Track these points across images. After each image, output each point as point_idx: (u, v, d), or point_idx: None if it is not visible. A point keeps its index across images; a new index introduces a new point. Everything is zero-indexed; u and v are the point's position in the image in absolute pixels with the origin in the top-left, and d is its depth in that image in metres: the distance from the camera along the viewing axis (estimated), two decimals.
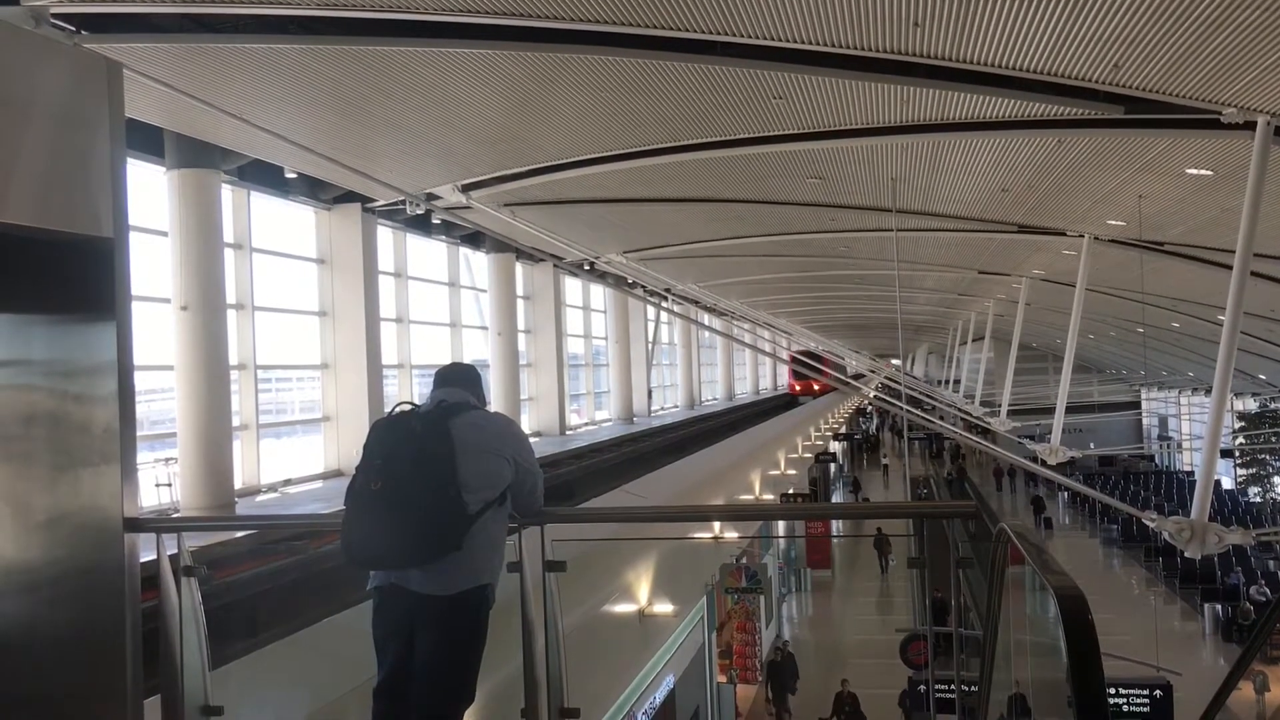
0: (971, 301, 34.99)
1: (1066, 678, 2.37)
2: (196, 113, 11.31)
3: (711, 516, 8.61)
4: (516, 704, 4.08)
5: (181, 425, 15.08)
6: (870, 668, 21.36)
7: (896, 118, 10.97)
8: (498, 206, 15.90)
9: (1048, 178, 13.45)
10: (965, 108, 10.38)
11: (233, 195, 17.40)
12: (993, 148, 12.17)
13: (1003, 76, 9.15)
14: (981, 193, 15.18)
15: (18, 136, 3.73)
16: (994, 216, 17.10)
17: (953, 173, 13.83)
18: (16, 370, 4.18)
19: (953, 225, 17.94)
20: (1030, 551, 3.07)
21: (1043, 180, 13.68)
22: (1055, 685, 3.53)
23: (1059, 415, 17.71)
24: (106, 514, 4.02)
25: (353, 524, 3.73)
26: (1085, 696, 2.29)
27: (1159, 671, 15.46)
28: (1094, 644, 2.34)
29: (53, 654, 4.08)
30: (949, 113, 10.65)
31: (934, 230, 18.46)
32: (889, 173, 14.02)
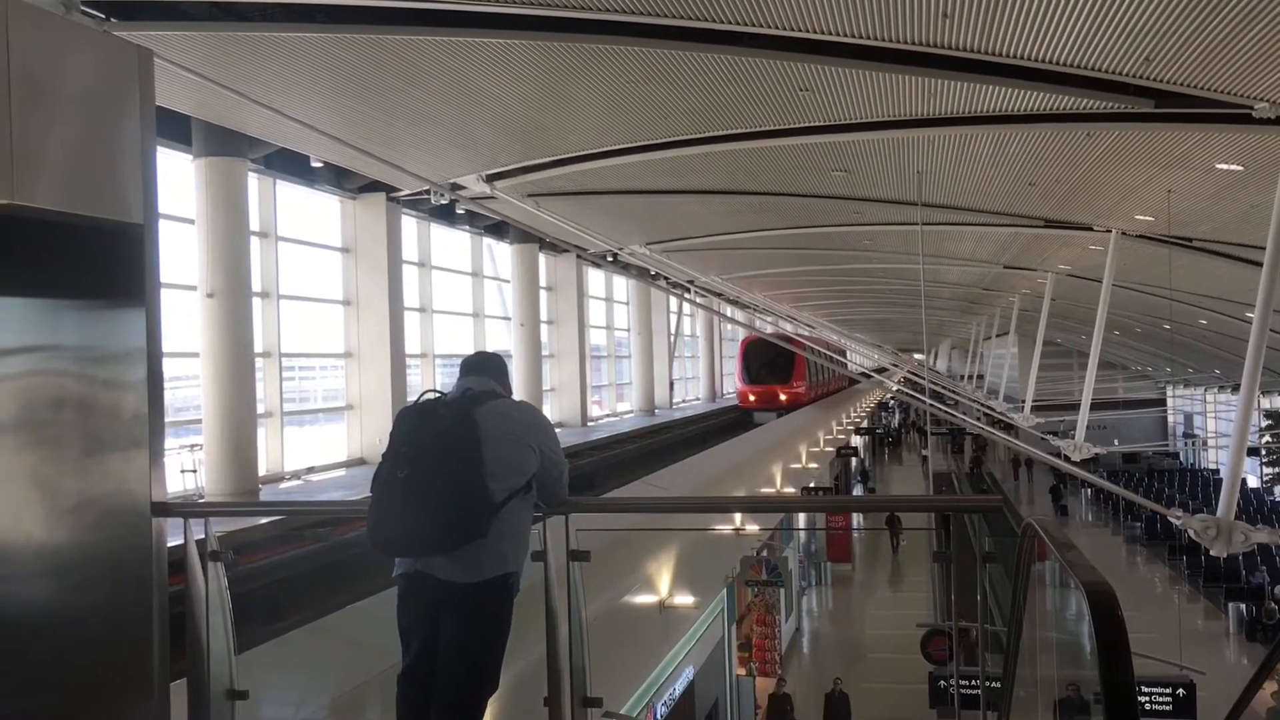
0: (996, 296, 34.78)
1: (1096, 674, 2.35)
2: (224, 101, 11.38)
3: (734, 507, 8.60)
4: (539, 692, 4.09)
5: (207, 412, 15.17)
6: (890, 662, 21.32)
7: (924, 110, 10.91)
8: (521, 197, 15.91)
9: (1075, 172, 13.35)
10: (993, 101, 10.31)
11: (259, 184, 17.47)
12: (1020, 141, 12.08)
13: (1032, 69, 9.09)
14: (1008, 187, 15.09)
15: (50, 122, 3.76)
16: (1020, 211, 17.00)
17: (979, 166, 13.75)
18: (47, 355, 4.20)
19: (978, 219, 17.84)
20: (1058, 547, 3.05)
21: (1070, 174, 13.58)
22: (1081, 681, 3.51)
23: (1084, 411, 17.60)
24: (135, 499, 4.04)
25: (379, 511, 3.74)
26: (1115, 692, 2.27)
27: (1182, 670, 15.36)
28: (1124, 639, 2.32)
29: (81, 637, 4.10)
30: (977, 105, 10.58)
31: (960, 224, 18.36)
32: (915, 166, 13.95)
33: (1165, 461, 58.39)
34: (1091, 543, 38.63)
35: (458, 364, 4.24)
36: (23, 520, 4.15)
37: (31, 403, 4.16)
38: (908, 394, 21.63)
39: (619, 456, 23.58)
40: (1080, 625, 2.79)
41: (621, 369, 38.07)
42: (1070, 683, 4.39)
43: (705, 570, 15.04)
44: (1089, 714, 2.87)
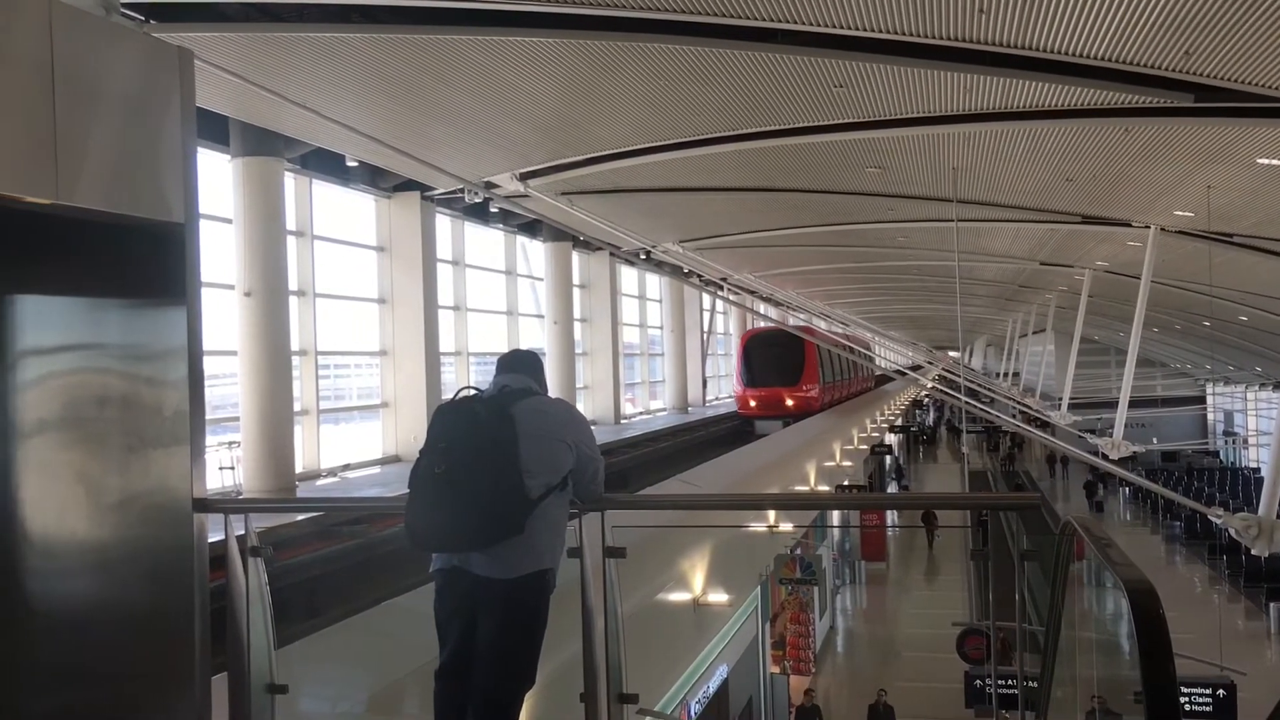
0: (1032, 293, 34.48)
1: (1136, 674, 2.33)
2: (260, 101, 11.47)
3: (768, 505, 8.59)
4: (576, 688, 4.10)
5: (245, 410, 15.32)
6: (925, 661, 21.22)
7: (959, 106, 10.84)
8: (555, 195, 15.95)
9: (1113, 167, 13.22)
10: (1030, 96, 10.22)
11: (295, 183, 17.62)
12: (1057, 136, 11.96)
13: (1069, 64, 9.01)
14: (1045, 182, 14.96)
15: (92, 123, 3.80)
16: (1057, 207, 16.85)
17: (1016, 162, 13.63)
18: (90, 353, 4.27)
19: (1015, 216, 17.69)
20: (1099, 545, 3.02)
21: (1108, 170, 13.45)
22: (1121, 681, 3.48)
23: (1122, 409, 17.43)
24: (176, 495, 4.09)
25: (416, 507, 3.77)
26: (1156, 692, 2.26)
27: (1223, 671, 15.18)
28: (1165, 638, 2.30)
29: (124, 631, 4.16)
30: (1013, 101, 10.49)
31: (995, 221, 18.22)
32: (950, 162, 13.86)
33: (1205, 460, 57.72)
34: (1130, 541, 38.25)
35: (491, 362, 4.26)
36: (67, 516, 4.23)
37: (76, 400, 4.23)
38: (942, 391, 21.49)
39: (652, 454, 23.60)
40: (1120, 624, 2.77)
41: (654, 367, 38.08)
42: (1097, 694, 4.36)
43: (739, 568, 15.02)
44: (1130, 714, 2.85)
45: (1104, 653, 4.53)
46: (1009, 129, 11.62)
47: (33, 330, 4.27)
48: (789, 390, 32.13)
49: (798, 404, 32.21)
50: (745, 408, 32.95)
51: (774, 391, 32.09)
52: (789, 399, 32.06)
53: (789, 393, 32.10)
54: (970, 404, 18.03)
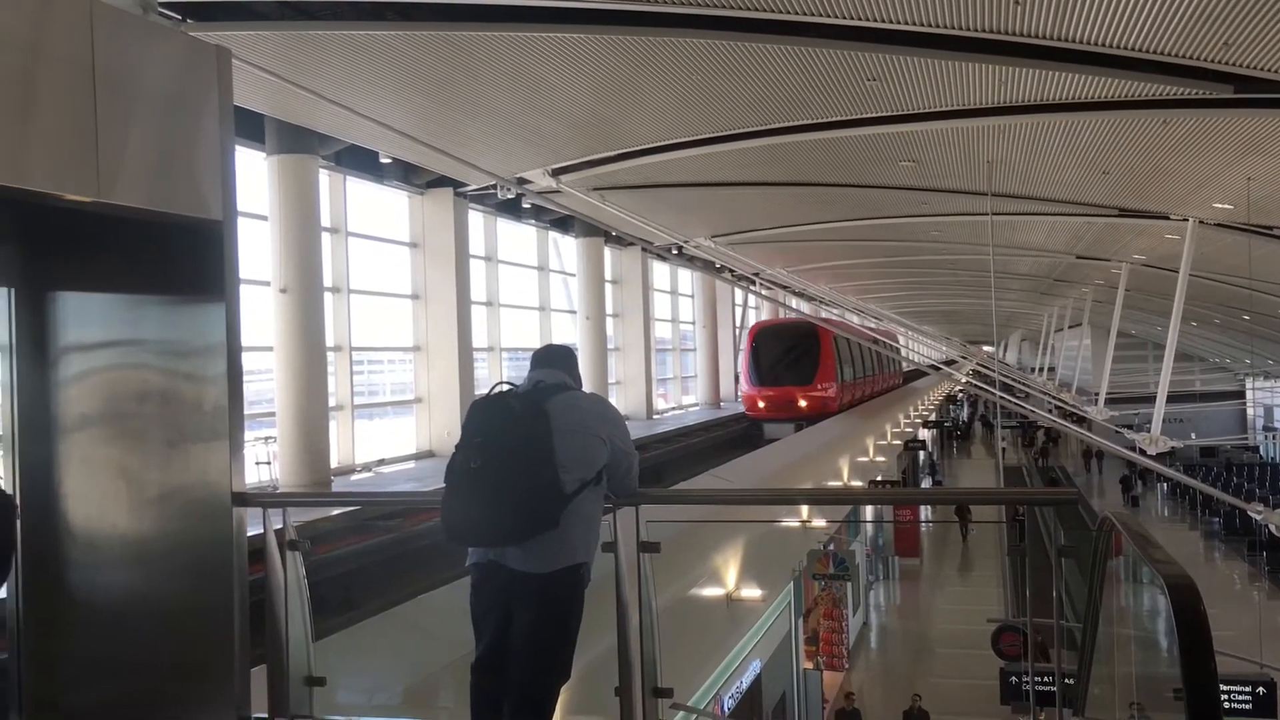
0: (1068, 287, 34.22)
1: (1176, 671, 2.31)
2: (295, 98, 11.57)
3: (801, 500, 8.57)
4: (610, 682, 4.11)
5: (280, 405, 15.44)
6: (960, 658, 21.10)
7: (994, 99, 10.77)
8: (587, 190, 15.98)
9: (1151, 160, 13.09)
10: (1066, 88, 10.15)
11: (329, 180, 17.72)
12: (1094, 129, 11.87)
13: (1105, 55, 8.93)
14: (1081, 175, 14.84)
15: (132, 121, 3.85)
16: (1094, 200, 16.70)
17: (1052, 155, 13.54)
18: (131, 349, 4.32)
19: (1050, 209, 17.57)
20: (1138, 541, 3.00)
21: (1145, 162, 13.31)
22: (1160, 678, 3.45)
23: (1159, 404, 17.26)
24: (216, 489, 4.14)
25: (452, 502, 3.79)
26: (1197, 687, 2.23)
27: (1262, 669, 15.00)
28: (1206, 634, 2.28)
29: (164, 624, 4.22)
30: (1049, 93, 10.42)
31: (1031, 214, 18.09)
32: (985, 155, 13.77)
33: (1244, 455, 57.00)
34: (1168, 538, 37.86)
35: (524, 357, 4.27)
36: (109, 510, 4.29)
37: (117, 396, 4.29)
38: (977, 386, 21.35)
39: (685, 449, 23.59)
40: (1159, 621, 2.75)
41: (687, 362, 38.04)
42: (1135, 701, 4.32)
43: (772, 563, 14.98)
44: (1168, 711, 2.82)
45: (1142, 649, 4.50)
46: (1044, 121, 11.54)
47: (75, 326, 4.34)
48: (802, 389, 28.58)
49: (812, 405, 28.57)
50: (753, 409, 29.66)
51: (785, 391, 28.61)
52: (802, 399, 28.50)
53: (802, 392, 28.58)
54: (1005, 399, 17.90)
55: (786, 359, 29.02)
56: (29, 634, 4.30)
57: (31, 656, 4.30)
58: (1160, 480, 45.51)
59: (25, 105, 3.46)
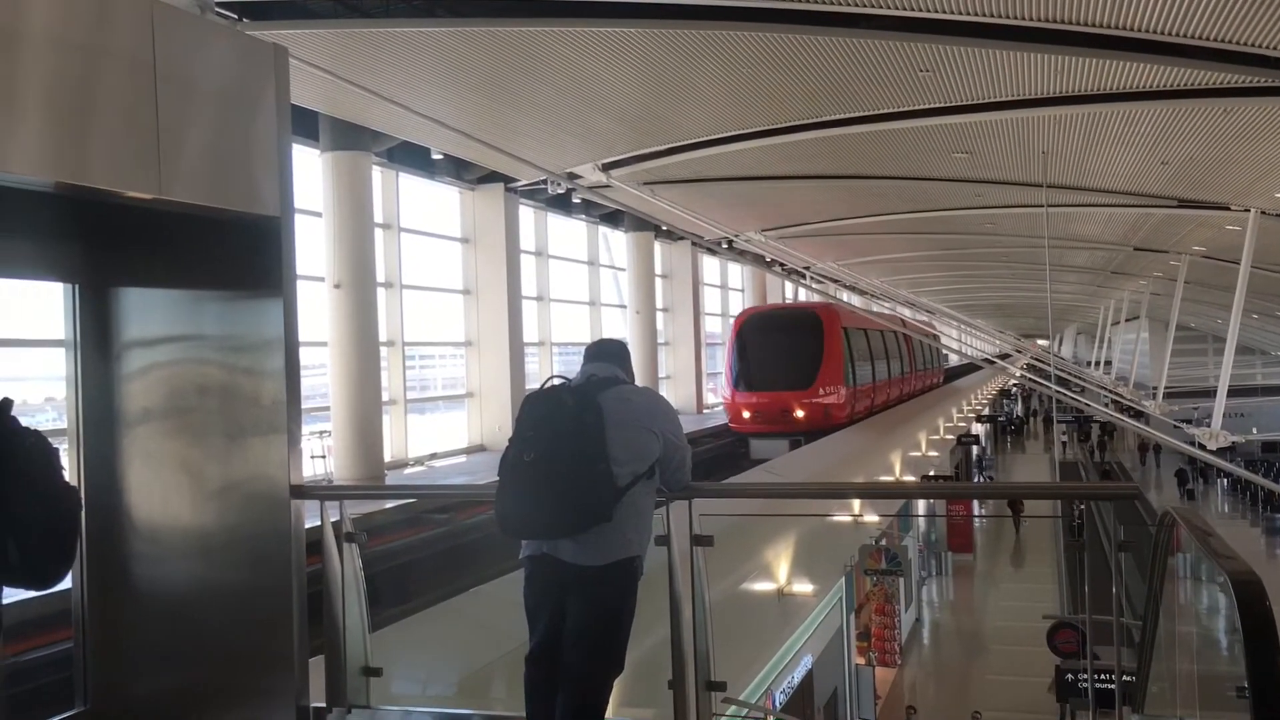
0: (1125, 280, 33.66)
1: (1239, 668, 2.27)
2: (349, 95, 11.68)
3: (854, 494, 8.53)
4: (664, 675, 4.12)
5: (335, 400, 15.62)
6: (1014, 654, 20.86)
7: (1050, 89, 10.63)
8: (637, 185, 15.99)
9: (1211, 149, 12.85)
10: (1124, 77, 9.99)
11: (382, 176, 17.88)
12: (1153, 118, 11.67)
13: (1165, 44, 8.78)
14: (1139, 166, 14.60)
15: (192, 119, 3.90)
16: (1152, 191, 16.42)
17: (1109, 145, 13.33)
18: (191, 344, 4.40)
19: (1107, 200, 17.30)
20: (1200, 536, 2.94)
21: (1206, 152, 13.07)
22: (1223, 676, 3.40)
23: (1220, 399, 16.94)
24: (275, 482, 4.20)
25: (506, 494, 3.81)
26: (1261, 683, 2.19)
27: None
28: (1272, 630, 2.24)
29: (225, 614, 4.29)
30: (1106, 83, 10.27)
31: (1087, 206, 17.83)
32: (1040, 146, 13.60)
33: None
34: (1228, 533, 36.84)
35: (574, 352, 4.28)
36: (171, 503, 4.36)
37: (178, 390, 4.36)
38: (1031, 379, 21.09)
39: (735, 443, 23.51)
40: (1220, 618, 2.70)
41: None
42: (1209, 677, 4.25)
43: (823, 558, 14.92)
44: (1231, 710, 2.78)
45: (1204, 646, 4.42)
46: (1101, 111, 11.37)
47: (136, 322, 4.42)
48: (799, 396, 22.31)
49: (811, 416, 22.37)
50: (737, 420, 23.53)
51: (777, 398, 22.28)
52: (798, 409, 22.20)
53: (799, 399, 22.28)
54: (1061, 393, 17.67)
55: (779, 356, 22.89)
56: (94, 624, 4.39)
57: (96, 646, 4.39)
58: (1220, 476, 44.70)
59: (86, 105, 3.52)
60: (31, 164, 3.37)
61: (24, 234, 4.13)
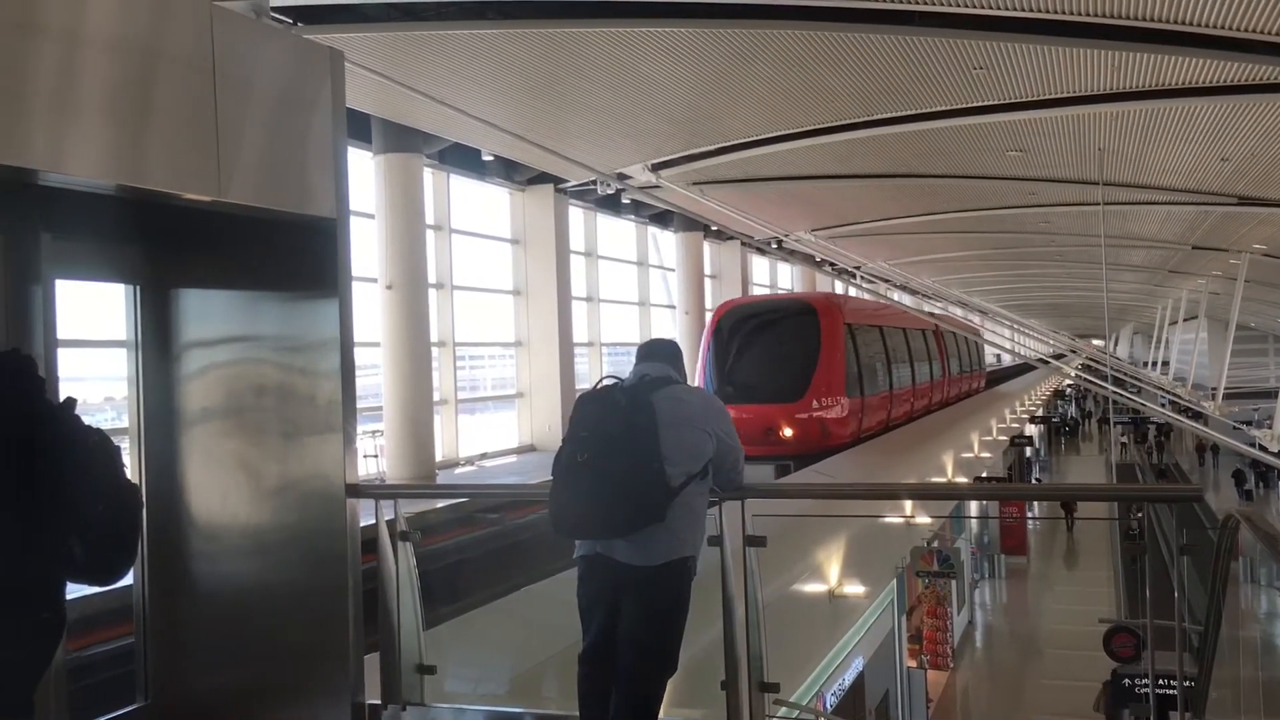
0: (1183, 279, 33.10)
1: None
2: (401, 98, 11.78)
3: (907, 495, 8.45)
4: (717, 675, 4.11)
5: (387, 400, 15.75)
6: (1069, 659, 20.58)
7: (1106, 85, 10.49)
8: (687, 185, 15.98)
9: (1274, 145, 12.60)
10: (1183, 72, 9.83)
11: (433, 178, 18.01)
12: (1212, 114, 11.47)
13: (1224, 38, 8.62)
14: (1198, 162, 14.36)
15: (250, 121, 3.95)
16: (1212, 188, 16.14)
17: (1167, 142, 13.12)
18: (249, 345, 4.45)
19: (1165, 198, 17.02)
20: (1267, 540, 2.88)
21: (1267, 148, 12.82)
22: None
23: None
24: (330, 481, 4.24)
25: (560, 494, 3.82)
26: None
27: None
28: None
29: (282, 611, 4.34)
30: (1165, 78, 10.11)
31: (1144, 203, 17.56)
32: (1096, 143, 13.42)
33: None
34: None
35: (624, 352, 4.28)
36: (229, 501, 4.42)
37: (236, 390, 4.42)
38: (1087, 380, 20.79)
39: None
40: None
41: None
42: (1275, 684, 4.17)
43: (875, 559, 14.79)
44: None
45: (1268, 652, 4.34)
46: (1159, 107, 11.20)
47: (195, 322, 4.48)
48: (788, 410, 17.27)
49: (803, 435, 17.21)
50: None
51: (760, 413, 16.95)
52: (787, 426, 17.26)
53: (788, 415, 17.30)
54: (1118, 393, 17.41)
55: (764, 359, 18.16)
56: (154, 620, 4.46)
57: (157, 641, 4.45)
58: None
59: (146, 107, 3.57)
60: (93, 167, 3.43)
61: (86, 236, 4.20)
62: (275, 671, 4.36)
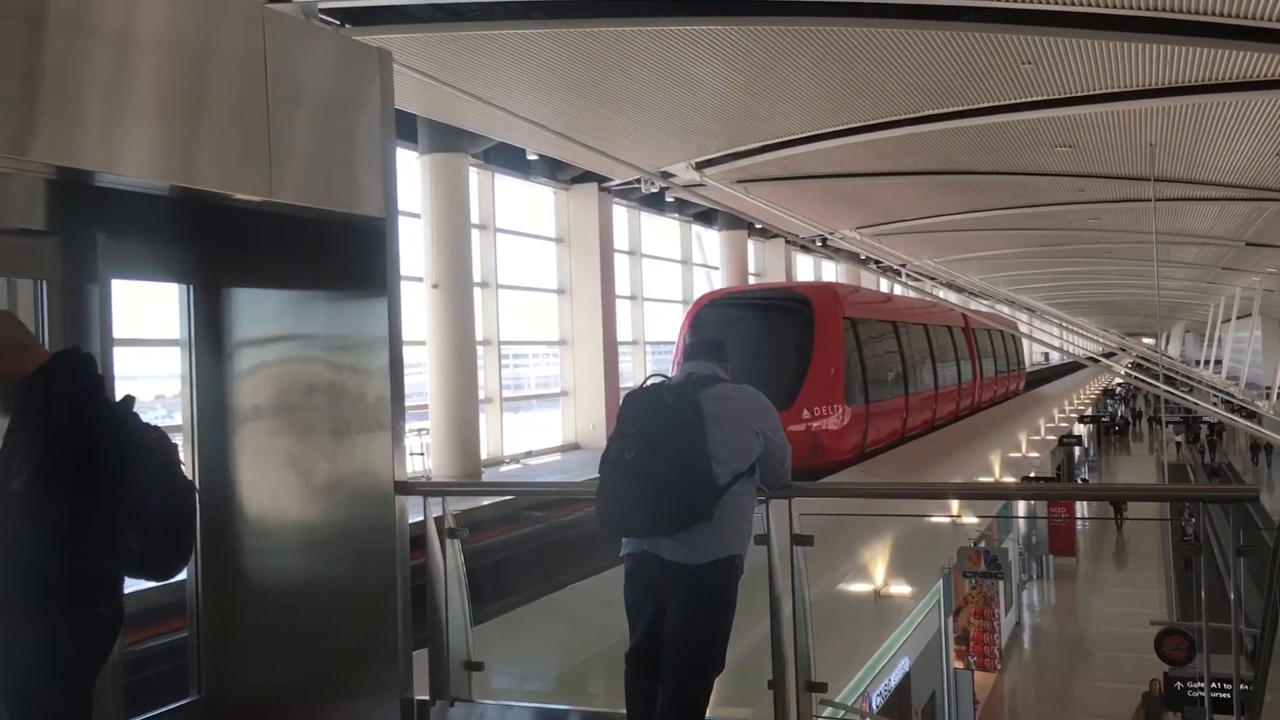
0: (1236, 276, 32.56)
1: None
2: (447, 98, 11.84)
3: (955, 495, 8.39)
4: (763, 675, 4.09)
5: (433, 398, 15.85)
6: (1119, 661, 20.33)
7: (1158, 79, 10.35)
8: (731, 183, 15.93)
9: None
10: (1236, 66, 9.68)
11: (478, 177, 18.10)
12: (1267, 108, 11.28)
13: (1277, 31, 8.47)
14: (1252, 157, 14.13)
15: (300, 122, 3.99)
16: (1266, 183, 15.87)
17: (1220, 136, 12.92)
18: (299, 344, 4.50)
19: (1218, 193, 16.76)
20: None
21: None
22: None
23: None
24: (379, 479, 4.28)
25: (606, 493, 3.82)
26: None
27: None
28: None
29: (332, 607, 4.38)
30: (1218, 72, 9.95)
31: (1197, 199, 17.29)
32: (1147, 139, 13.24)
33: None
34: None
35: (668, 351, 4.26)
36: (280, 498, 4.48)
37: (287, 388, 4.47)
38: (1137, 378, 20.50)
39: None
40: None
41: None
42: None
43: (921, 559, 14.69)
44: None
45: None
46: (1212, 102, 11.04)
47: (247, 322, 4.54)
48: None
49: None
50: None
51: None
52: None
53: None
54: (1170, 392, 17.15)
55: (746, 361, 9.68)
56: (207, 615, 4.52)
57: (209, 635, 4.52)
58: None
59: (198, 109, 3.61)
60: (147, 168, 3.47)
61: (141, 237, 4.27)
62: (325, 666, 4.40)
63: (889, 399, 16.99)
